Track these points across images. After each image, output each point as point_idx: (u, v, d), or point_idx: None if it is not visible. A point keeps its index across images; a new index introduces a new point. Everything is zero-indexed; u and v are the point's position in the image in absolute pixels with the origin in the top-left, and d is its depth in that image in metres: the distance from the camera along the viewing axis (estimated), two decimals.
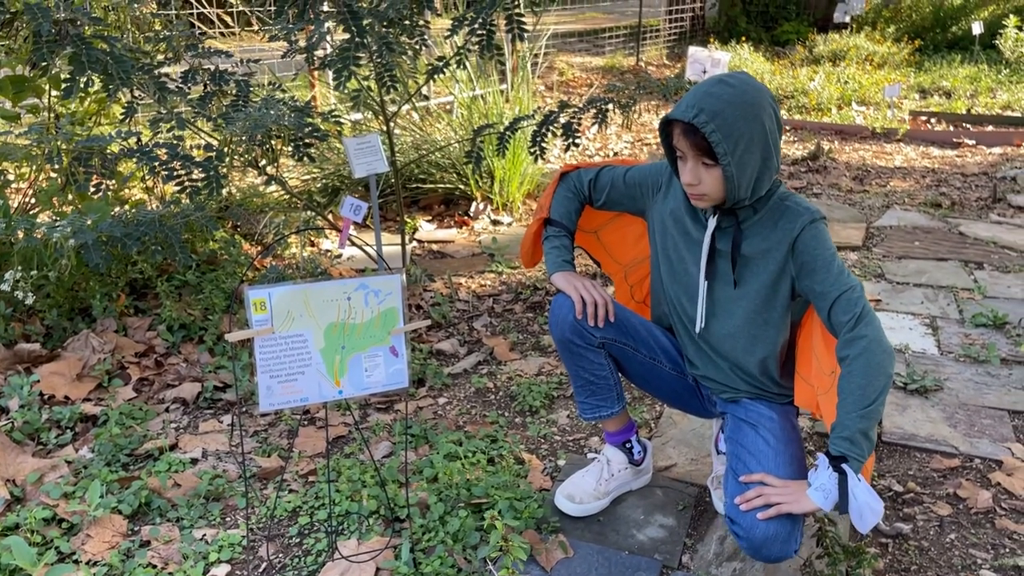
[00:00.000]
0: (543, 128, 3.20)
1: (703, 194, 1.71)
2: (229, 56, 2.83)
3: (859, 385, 1.60)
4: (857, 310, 1.66)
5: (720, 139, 1.60)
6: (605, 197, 2.02)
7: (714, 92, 1.63)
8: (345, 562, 1.87)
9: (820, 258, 1.70)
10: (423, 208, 4.42)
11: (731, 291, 1.81)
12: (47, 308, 2.87)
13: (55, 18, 2.54)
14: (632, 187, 1.98)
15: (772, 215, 1.76)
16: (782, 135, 1.70)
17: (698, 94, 1.64)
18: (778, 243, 1.75)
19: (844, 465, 1.57)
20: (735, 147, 1.61)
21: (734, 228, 1.77)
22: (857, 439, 1.58)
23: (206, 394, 2.61)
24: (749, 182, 1.67)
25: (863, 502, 1.53)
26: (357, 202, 2.26)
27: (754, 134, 1.63)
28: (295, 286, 1.70)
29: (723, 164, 1.62)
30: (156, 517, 2.07)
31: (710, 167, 1.66)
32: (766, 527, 1.62)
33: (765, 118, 1.64)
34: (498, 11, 2.97)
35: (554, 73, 9.72)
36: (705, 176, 1.67)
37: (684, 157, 1.69)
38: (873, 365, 1.60)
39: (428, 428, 2.42)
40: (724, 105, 1.61)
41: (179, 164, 2.61)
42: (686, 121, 1.63)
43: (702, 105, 1.61)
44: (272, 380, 1.71)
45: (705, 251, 1.80)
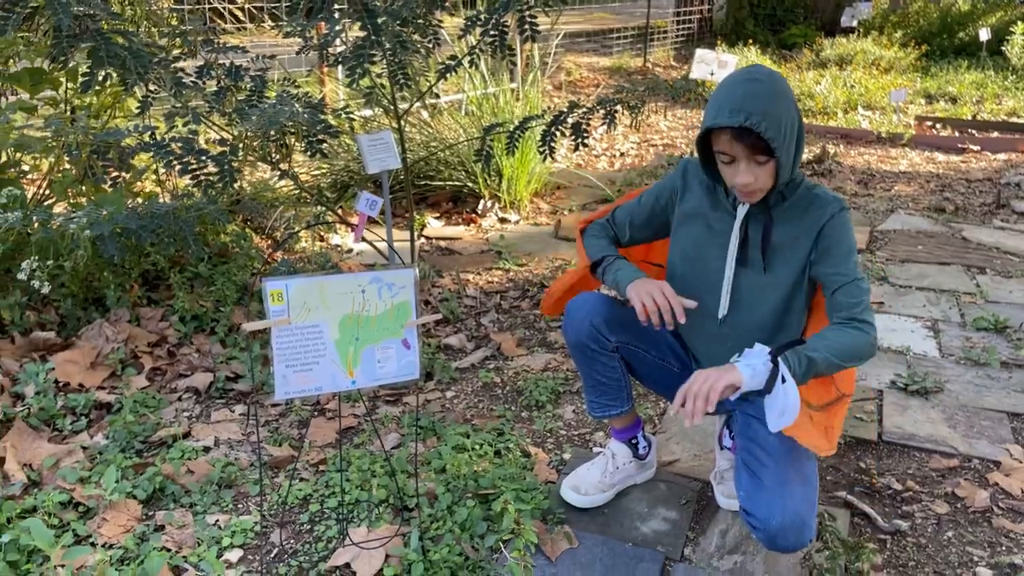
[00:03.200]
0: (553, 128, 3.25)
1: (758, 190, 1.74)
2: (244, 52, 2.87)
3: (844, 345, 1.66)
4: (863, 299, 1.72)
5: (774, 134, 1.64)
6: (629, 227, 2.02)
7: (752, 91, 1.65)
8: (356, 548, 1.91)
9: (842, 244, 1.76)
10: (431, 205, 4.46)
11: (761, 279, 1.84)
12: (62, 298, 2.92)
13: (75, 13, 2.58)
14: (649, 206, 1.99)
15: (801, 203, 1.80)
16: None
17: (736, 97, 1.65)
18: (807, 230, 1.79)
19: (780, 359, 1.60)
20: (784, 138, 1.66)
21: (764, 216, 1.81)
22: (804, 360, 1.62)
23: (218, 384, 2.66)
24: (791, 164, 1.72)
25: (788, 402, 1.57)
26: (373, 197, 2.31)
27: (794, 119, 1.69)
28: (312, 278, 1.74)
29: (777, 156, 1.66)
30: (170, 503, 2.11)
31: (763, 164, 1.69)
32: (782, 518, 1.65)
33: (793, 101, 1.70)
34: (511, 12, 3.01)
35: (562, 73, 9.75)
36: (760, 172, 1.70)
37: (735, 160, 1.70)
38: (861, 346, 1.68)
39: (436, 421, 2.46)
40: (766, 102, 1.64)
41: (194, 158, 2.65)
42: (736, 127, 1.66)
43: (749, 108, 1.63)
44: (288, 369, 1.75)
45: (736, 238, 1.83)
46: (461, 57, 3.09)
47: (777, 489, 1.68)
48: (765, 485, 1.70)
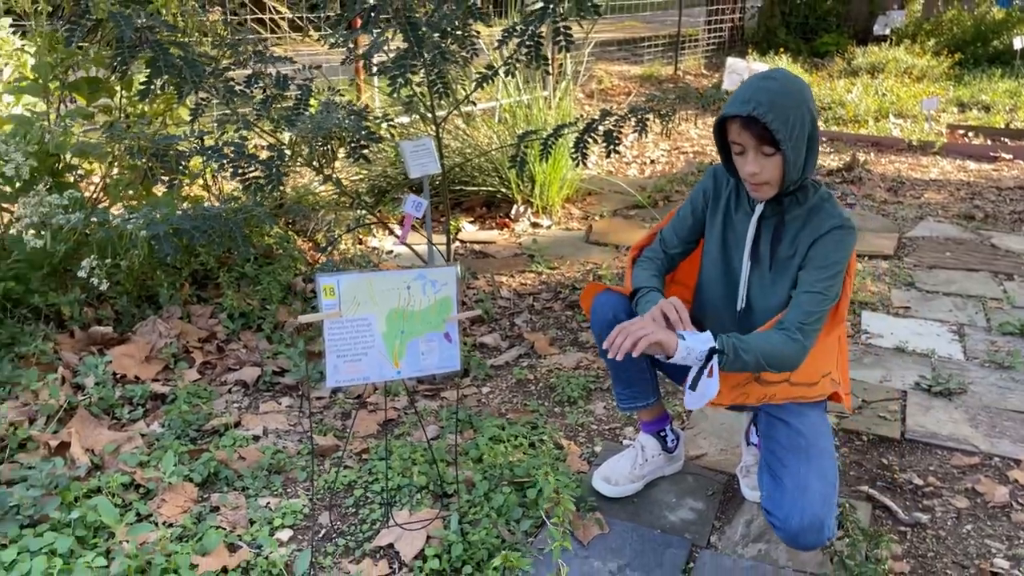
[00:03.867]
0: (585, 135, 3.35)
1: (764, 182, 1.83)
2: (291, 62, 3.01)
3: (776, 353, 1.79)
4: (815, 312, 1.82)
5: (779, 126, 1.74)
6: (679, 240, 2.11)
7: (763, 86, 1.78)
8: (399, 529, 2.03)
9: (827, 259, 1.84)
10: (466, 210, 4.59)
11: (768, 277, 1.93)
12: (118, 295, 3.08)
13: (136, 25, 2.74)
14: (689, 214, 2.09)
15: (812, 212, 1.89)
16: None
17: (749, 90, 1.78)
18: (806, 238, 1.88)
19: (716, 355, 1.75)
20: (791, 133, 1.76)
21: (777, 218, 1.91)
22: (738, 360, 1.77)
23: (265, 378, 2.80)
24: (800, 164, 1.81)
25: (708, 390, 1.75)
26: (418, 200, 2.43)
27: (804, 119, 1.78)
28: (362, 274, 1.87)
29: (783, 149, 1.76)
30: (224, 486, 2.24)
31: (770, 156, 1.79)
32: (800, 519, 1.74)
33: (809, 103, 1.80)
34: (546, 22, 3.12)
35: (593, 81, 9.85)
36: (766, 164, 1.80)
37: (744, 151, 1.82)
38: (788, 356, 1.81)
39: (473, 414, 2.57)
40: (775, 96, 1.75)
41: (244, 162, 2.80)
42: (744, 115, 1.77)
43: (757, 99, 1.75)
44: (339, 360, 1.87)
45: (751, 235, 1.93)
46: (498, 67, 3.22)
47: (796, 491, 1.77)
48: (785, 487, 1.79)
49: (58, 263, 3.00)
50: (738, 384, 1.91)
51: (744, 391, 1.92)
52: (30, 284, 2.96)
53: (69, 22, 2.66)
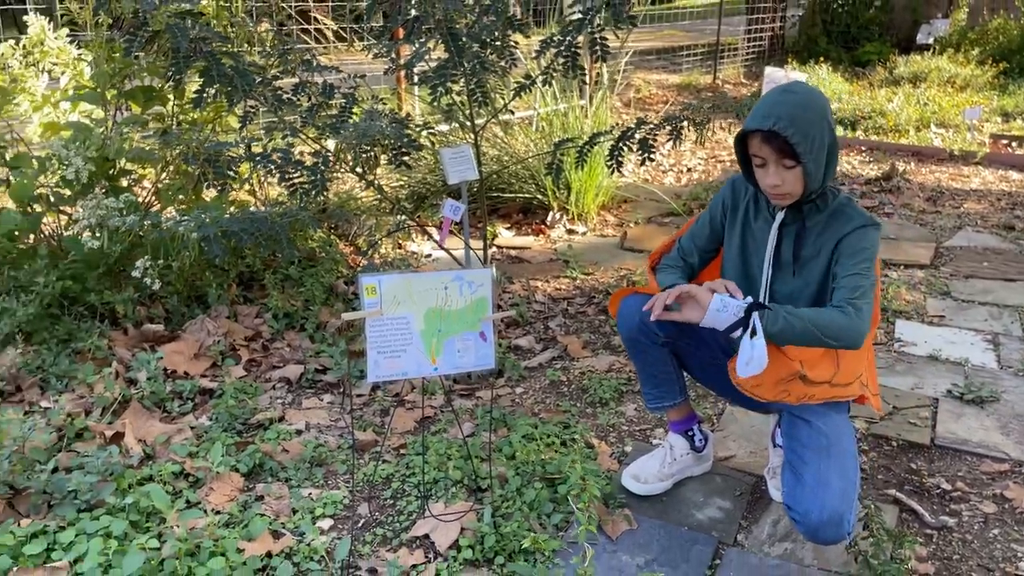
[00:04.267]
0: (620, 143, 3.42)
1: (786, 193, 1.90)
2: (337, 72, 3.13)
3: (827, 320, 1.80)
4: (861, 286, 1.84)
5: (800, 140, 1.80)
6: (697, 249, 2.17)
7: (782, 100, 1.84)
8: (434, 520, 2.11)
9: (857, 250, 1.88)
10: (502, 216, 4.67)
11: (792, 283, 1.99)
12: (169, 295, 3.21)
13: (191, 36, 2.87)
14: (708, 223, 2.15)
15: (833, 216, 1.94)
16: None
17: (768, 104, 1.85)
18: (830, 240, 1.93)
19: (756, 315, 1.77)
20: (811, 145, 1.82)
21: (798, 224, 1.96)
22: (781, 319, 1.79)
23: (308, 375, 2.90)
24: (821, 174, 1.87)
25: (754, 354, 1.75)
26: (456, 204, 2.52)
27: (823, 130, 1.84)
28: (402, 275, 1.96)
29: (804, 162, 1.82)
30: (268, 477, 2.35)
31: (790, 168, 1.85)
32: (820, 512, 1.79)
33: (827, 115, 1.86)
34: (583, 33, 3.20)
35: (631, 90, 9.89)
36: (787, 176, 1.86)
37: (765, 163, 1.88)
38: (842, 326, 1.80)
39: (507, 413, 2.65)
40: (795, 109, 1.82)
41: (291, 168, 2.91)
42: (765, 129, 1.83)
43: (777, 113, 1.82)
44: (379, 356, 1.96)
45: (772, 242, 1.99)
46: (535, 77, 3.30)
47: (817, 487, 1.82)
48: (806, 483, 1.84)
49: (113, 263, 3.14)
50: (782, 380, 1.93)
51: (787, 388, 1.94)
52: (87, 283, 3.10)
53: (128, 33, 2.80)
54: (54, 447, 2.36)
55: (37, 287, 2.94)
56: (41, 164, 3.22)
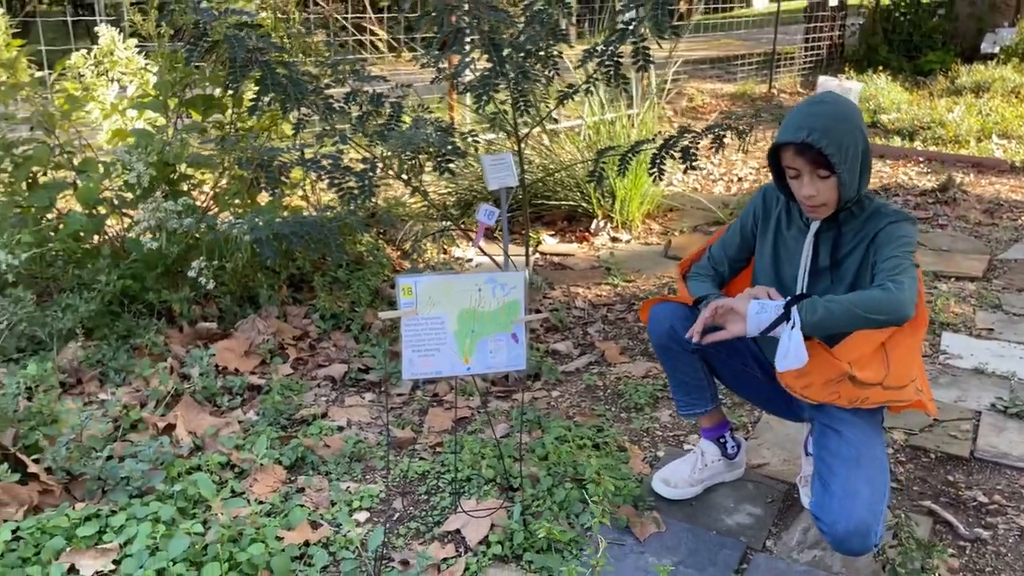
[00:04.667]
0: (662, 151, 3.45)
1: (822, 203, 1.91)
2: (386, 81, 3.23)
3: (867, 298, 1.78)
4: (901, 264, 1.84)
5: (833, 151, 1.82)
6: (727, 258, 2.20)
7: (814, 112, 1.86)
8: (466, 516, 2.17)
9: (891, 236, 1.89)
10: (547, 223, 4.73)
11: (830, 289, 1.99)
12: (222, 294, 3.34)
13: (248, 47, 3.00)
14: (738, 232, 2.18)
15: (867, 219, 1.96)
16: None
17: (800, 116, 1.87)
18: (865, 239, 1.94)
19: (794, 309, 1.78)
20: (845, 155, 1.84)
21: (835, 231, 1.97)
22: (820, 308, 1.78)
23: (351, 374, 3.00)
24: (856, 183, 1.88)
25: (794, 346, 1.76)
26: (491, 208, 2.59)
27: (856, 140, 1.86)
28: (437, 276, 2.03)
29: (838, 172, 1.84)
30: (309, 470, 2.44)
31: (825, 178, 1.87)
32: (847, 522, 1.80)
33: (860, 124, 1.88)
34: (626, 42, 3.24)
35: (684, 99, 9.87)
36: (822, 187, 1.89)
37: (799, 175, 1.91)
38: (883, 300, 1.78)
39: (542, 415, 2.70)
40: (828, 121, 1.84)
41: (339, 173, 3.01)
42: (798, 141, 1.85)
43: (811, 125, 1.84)
44: (414, 354, 2.03)
45: (808, 251, 2.00)
46: (578, 86, 3.35)
47: (844, 497, 1.83)
48: (833, 492, 1.85)
49: (171, 264, 3.28)
50: (831, 381, 1.92)
51: (836, 390, 1.93)
52: (146, 282, 3.25)
53: (189, 43, 2.94)
54: (110, 437, 2.49)
55: (99, 285, 3.09)
56: (106, 169, 3.39)
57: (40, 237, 3.15)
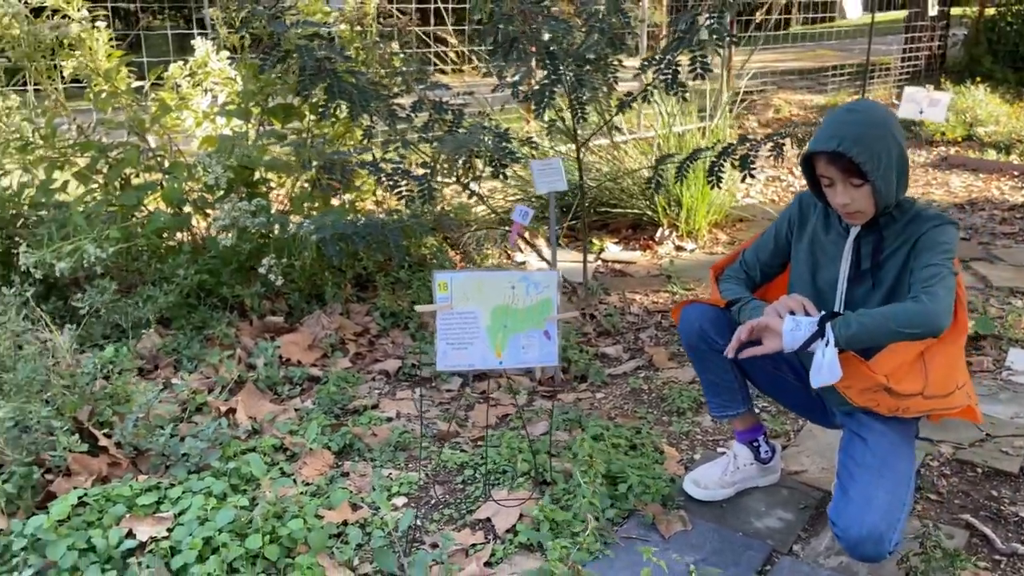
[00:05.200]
0: (720, 159, 3.46)
1: (857, 211, 1.92)
2: (448, 89, 3.36)
3: (899, 312, 1.79)
4: (936, 275, 1.83)
5: (866, 159, 1.83)
6: (759, 264, 2.22)
7: (846, 120, 1.88)
8: (496, 505, 2.25)
9: (931, 243, 1.88)
10: (612, 231, 4.77)
11: (871, 295, 1.99)
12: (291, 291, 3.53)
13: (316, 56, 3.18)
14: (772, 238, 2.20)
15: (908, 223, 1.95)
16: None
17: (832, 125, 1.89)
18: (905, 243, 1.94)
19: (828, 325, 1.78)
20: (879, 163, 1.84)
21: (875, 236, 1.97)
22: (853, 323, 1.79)
23: (405, 370, 3.12)
24: (892, 190, 1.88)
25: (827, 363, 1.77)
26: (525, 209, 2.67)
27: (890, 146, 1.86)
28: (472, 273, 2.12)
29: (872, 180, 1.85)
30: (356, 456, 2.56)
31: (859, 186, 1.88)
32: (859, 528, 1.80)
33: (894, 131, 1.88)
34: (683, 51, 3.28)
35: (770, 110, 9.72)
36: (856, 195, 1.89)
37: (832, 183, 1.92)
38: (916, 313, 1.79)
39: (583, 415, 2.75)
40: (859, 128, 1.85)
41: (400, 177, 3.16)
42: (829, 151, 1.87)
43: (841, 134, 1.85)
44: (448, 346, 2.13)
45: (848, 257, 2.00)
46: (636, 94, 3.41)
47: (861, 503, 1.83)
48: (851, 498, 1.85)
49: (244, 260, 3.49)
50: (868, 389, 1.92)
51: (875, 398, 1.93)
52: (221, 278, 3.46)
53: (263, 53, 3.14)
54: (176, 417, 2.68)
55: (178, 279, 3.32)
56: (189, 171, 3.63)
57: (127, 233, 3.40)
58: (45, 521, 2.02)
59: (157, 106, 3.82)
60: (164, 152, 3.85)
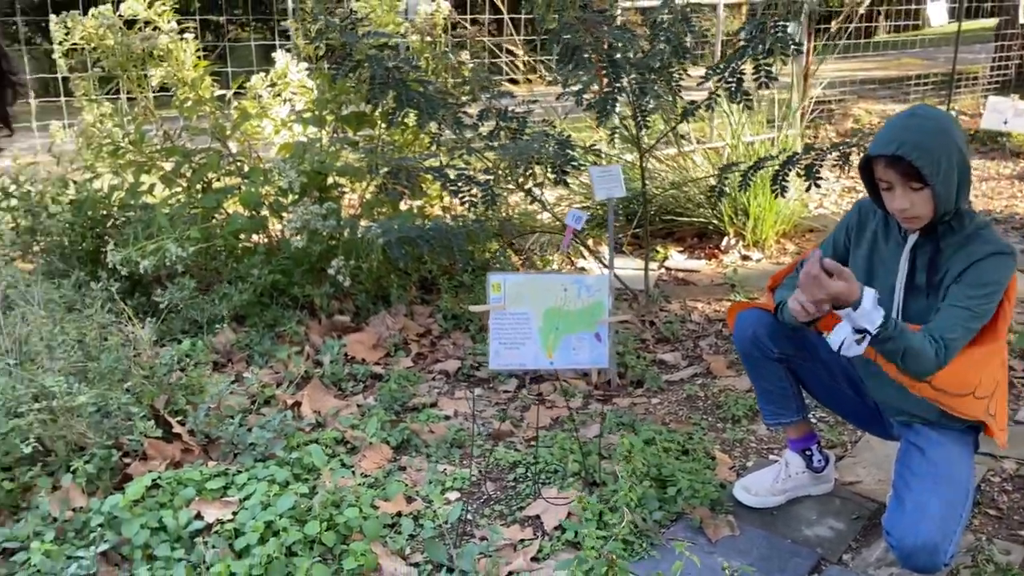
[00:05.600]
0: (785, 168, 3.44)
1: (916, 216, 1.90)
2: (513, 97, 3.43)
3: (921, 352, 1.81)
4: (958, 327, 1.86)
5: (925, 162, 1.82)
6: None
7: (907, 124, 1.87)
8: (545, 503, 2.30)
9: (980, 278, 1.86)
10: (677, 240, 4.77)
11: (927, 304, 1.97)
12: (357, 292, 3.65)
13: (386, 66, 3.30)
14: (831, 246, 2.17)
15: (969, 238, 1.92)
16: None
17: (892, 129, 1.88)
18: (962, 260, 1.91)
19: (891, 322, 1.77)
20: (938, 167, 1.83)
21: (932, 246, 1.95)
22: (896, 337, 1.78)
23: (464, 370, 3.20)
24: (952, 195, 1.87)
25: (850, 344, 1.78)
26: (579, 213, 2.71)
27: (951, 151, 1.84)
28: (525, 275, 2.19)
29: (932, 184, 1.83)
30: (412, 452, 2.65)
31: (918, 190, 1.87)
32: (914, 538, 1.79)
33: (955, 136, 1.86)
34: (747, 59, 3.28)
35: (849, 120, 9.52)
36: (915, 198, 1.88)
37: (892, 187, 1.91)
38: (928, 360, 1.82)
39: (636, 419, 2.78)
40: (920, 134, 1.84)
41: (463, 183, 3.24)
42: (888, 154, 1.86)
43: (902, 138, 1.84)
44: (501, 346, 2.20)
45: (905, 265, 1.99)
46: (700, 103, 3.42)
47: (915, 513, 1.81)
48: (906, 508, 1.84)
49: (315, 262, 3.63)
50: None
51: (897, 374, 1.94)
52: (292, 278, 3.61)
53: (335, 63, 3.27)
54: (245, 409, 2.81)
55: (252, 278, 3.47)
56: (266, 175, 3.80)
57: (207, 234, 3.58)
58: (121, 500, 2.17)
59: (238, 114, 4.01)
60: (244, 157, 4.04)
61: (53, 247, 3.55)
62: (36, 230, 3.55)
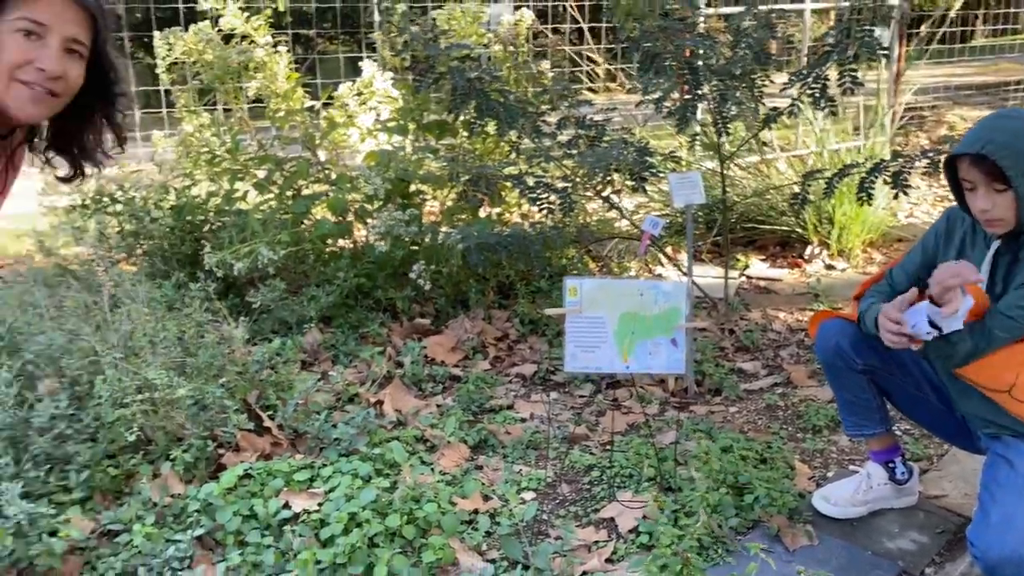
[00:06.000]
0: (871, 175, 3.38)
1: (998, 219, 1.86)
2: (591, 106, 3.47)
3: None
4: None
5: (1010, 163, 1.78)
6: (906, 278, 2.13)
7: (995, 125, 1.84)
8: (620, 506, 2.32)
9: None
10: (759, 248, 4.71)
11: None
12: (437, 296, 3.74)
13: (468, 77, 3.38)
14: (920, 251, 2.14)
15: None
16: None
17: (980, 129, 1.85)
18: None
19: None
20: (1023, 169, 1.79)
21: (1011, 256, 1.91)
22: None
23: (540, 374, 3.24)
24: None
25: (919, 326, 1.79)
26: (656, 219, 2.72)
27: None
28: (602, 280, 2.23)
29: (1015, 186, 1.79)
30: (490, 452, 2.71)
31: (1001, 192, 1.83)
32: (999, 552, 1.75)
33: None
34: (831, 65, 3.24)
35: (942, 127, 9.22)
36: (998, 200, 1.83)
37: (975, 187, 1.87)
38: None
39: (713, 427, 2.77)
40: (1008, 134, 1.80)
41: (541, 190, 3.30)
42: (973, 153, 1.83)
43: (988, 138, 1.81)
44: (577, 349, 2.24)
45: (987, 269, 1.94)
46: (782, 109, 3.39)
47: (1001, 524, 1.77)
48: (991, 519, 1.79)
49: (397, 266, 3.73)
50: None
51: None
52: (376, 281, 3.72)
53: (418, 74, 3.37)
54: (331, 405, 2.92)
55: (339, 281, 3.60)
56: (352, 182, 3.93)
57: (296, 238, 3.73)
58: (215, 489, 2.29)
59: (327, 123, 4.16)
60: (332, 165, 4.19)
61: (155, 250, 3.76)
62: (139, 234, 3.76)
